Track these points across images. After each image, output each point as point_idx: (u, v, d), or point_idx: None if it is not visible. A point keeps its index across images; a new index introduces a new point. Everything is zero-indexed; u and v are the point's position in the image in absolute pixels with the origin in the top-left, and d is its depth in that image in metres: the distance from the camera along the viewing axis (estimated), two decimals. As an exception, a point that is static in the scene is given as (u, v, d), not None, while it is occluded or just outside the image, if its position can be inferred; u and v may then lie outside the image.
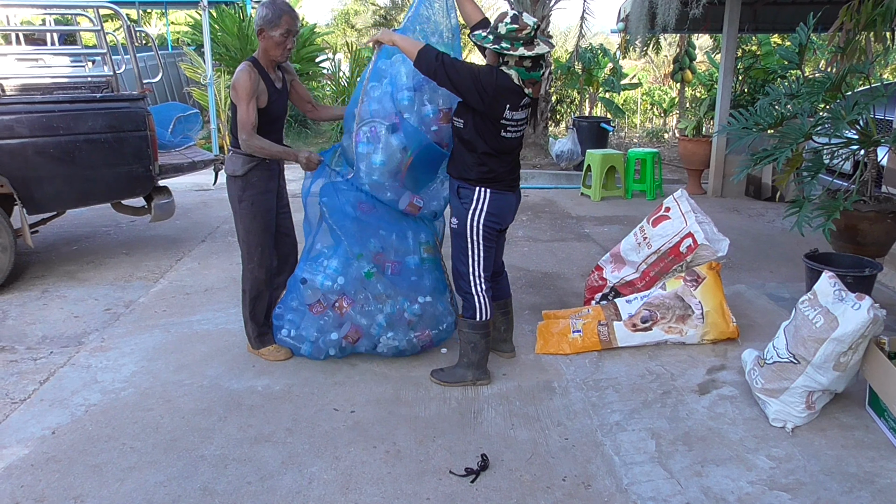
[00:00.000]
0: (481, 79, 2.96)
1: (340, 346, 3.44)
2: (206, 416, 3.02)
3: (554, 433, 2.91)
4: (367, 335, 3.43)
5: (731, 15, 7.26)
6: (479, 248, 3.23)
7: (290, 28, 3.24)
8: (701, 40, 15.21)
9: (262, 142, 3.27)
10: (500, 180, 3.18)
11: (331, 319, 3.40)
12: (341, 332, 3.41)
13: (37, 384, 3.31)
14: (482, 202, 3.17)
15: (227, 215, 3.61)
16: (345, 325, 3.41)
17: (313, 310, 3.40)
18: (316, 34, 12.28)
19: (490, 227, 3.21)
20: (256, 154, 3.30)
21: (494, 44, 2.99)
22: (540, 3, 9.96)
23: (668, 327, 3.69)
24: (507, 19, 2.98)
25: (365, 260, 3.36)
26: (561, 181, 8.91)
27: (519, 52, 2.96)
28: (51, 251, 5.54)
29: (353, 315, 3.39)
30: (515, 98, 3.04)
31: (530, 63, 3.01)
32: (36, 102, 4.53)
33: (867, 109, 3.89)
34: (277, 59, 3.33)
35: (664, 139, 13.25)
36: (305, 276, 3.38)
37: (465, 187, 3.19)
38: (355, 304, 3.38)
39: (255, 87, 3.22)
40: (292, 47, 3.33)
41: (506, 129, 3.09)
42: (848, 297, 2.84)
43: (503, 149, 3.14)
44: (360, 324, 3.41)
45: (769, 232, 6.26)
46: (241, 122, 3.23)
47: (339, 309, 3.38)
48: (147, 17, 16.57)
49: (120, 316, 4.18)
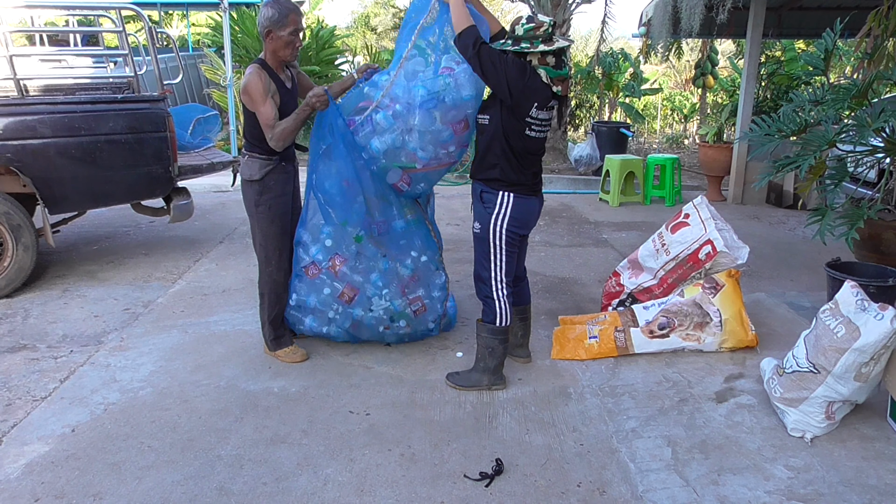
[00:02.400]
0: (511, 76, 2.98)
1: (336, 309, 3.49)
2: (222, 417, 3.04)
3: (569, 439, 2.89)
4: (362, 295, 3.47)
5: (756, 20, 7.19)
6: (501, 254, 3.22)
7: (297, 27, 3.22)
8: (724, 45, 15.08)
9: (281, 125, 3.23)
10: (523, 184, 3.18)
11: (327, 279, 3.47)
12: (335, 290, 3.47)
13: (57, 382, 3.36)
14: (506, 206, 3.16)
15: (245, 217, 3.63)
16: (340, 282, 3.48)
17: (308, 272, 3.47)
18: (336, 37, 12.33)
19: (513, 232, 3.20)
20: (288, 139, 3.26)
21: (514, 45, 3.02)
22: (561, 7, 9.94)
23: (686, 334, 3.66)
24: (522, 21, 3.04)
25: (351, 226, 3.41)
26: (579, 186, 8.88)
27: (539, 48, 2.99)
28: (71, 251, 5.62)
29: (347, 273, 3.46)
30: (543, 97, 3.07)
31: (554, 60, 3.05)
32: (58, 103, 4.58)
33: (894, 117, 3.83)
34: (287, 58, 3.31)
35: (684, 145, 13.15)
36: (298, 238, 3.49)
37: (488, 191, 3.19)
38: (348, 261, 3.45)
39: (267, 87, 3.21)
40: (300, 45, 3.31)
41: (530, 128, 3.10)
42: (870, 308, 2.80)
43: (527, 149, 3.14)
44: (355, 281, 3.47)
45: (790, 240, 6.19)
46: (265, 122, 3.21)
47: (333, 268, 3.44)
48: (168, 18, 16.76)
49: (139, 316, 4.23)
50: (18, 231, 4.50)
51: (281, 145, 3.26)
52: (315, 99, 3.23)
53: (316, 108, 3.26)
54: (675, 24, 6.89)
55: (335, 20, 24.57)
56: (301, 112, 3.25)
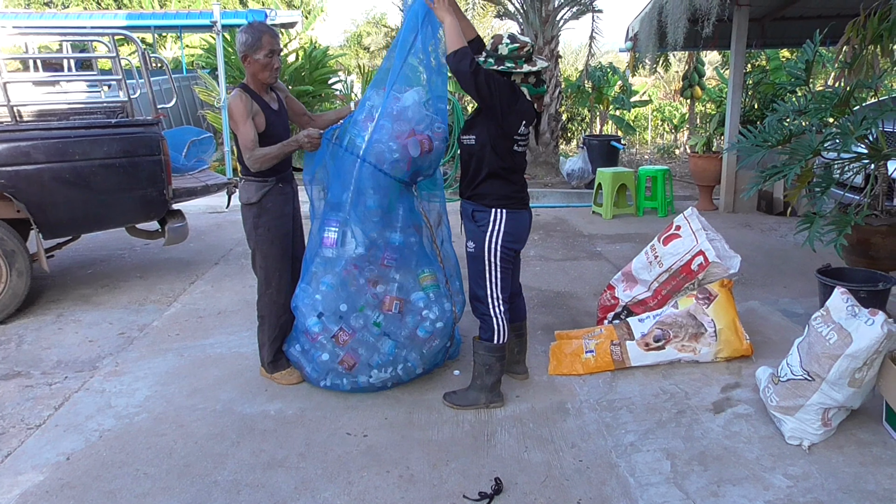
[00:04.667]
0: (504, 97, 3.03)
1: (338, 372, 3.36)
2: (219, 441, 3.03)
3: (568, 455, 2.89)
4: (363, 364, 3.33)
5: (739, 31, 7.28)
6: (497, 271, 3.22)
7: (272, 48, 3.25)
8: (710, 56, 15.25)
9: (263, 150, 3.24)
10: (513, 198, 3.20)
11: (327, 345, 3.33)
12: (335, 357, 3.34)
13: (52, 409, 3.34)
14: (500, 223, 3.17)
15: (241, 238, 3.63)
16: (342, 350, 3.34)
17: (309, 336, 3.37)
18: (328, 56, 12.41)
19: (508, 247, 3.21)
20: (266, 165, 3.26)
21: (498, 65, 3.07)
22: (549, 24, 10.06)
23: (681, 346, 3.67)
24: (505, 40, 3.08)
25: (369, 308, 3.31)
26: (572, 199, 8.92)
27: (525, 69, 3.06)
28: (66, 275, 5.61)
29: (351, 345, 3.32)
30: (529, 115, 3.13)
31: (535, 79, 3.13)
32: (52, 128, 4.60)
33: (875, 124, 3.88)
34: (266, 80, 3.33)
35: (675, 155, 13.24)
36: (298, 303, 3.38)
37: (480, 210, 3.20)
38: (355, 336, 3.31)
39: (248, 108, 3.23)
40: (279, 66, 3.33)
41: (517, 144, 3.15)
42: (861, 313, 2.82)
43: (515, 164, 3.18)
44: (360, 354, 3.33)
45: (782, 247, 6.22)
46: (243, 142, 3.23)
47: (337, 340, 3.31)
48: (162, 40, 16.84)
49: (134, 340, 4.22)
50: (12, 256, 4.50)
51: (257, 167, 3.26)
52: (307, 139, 3.26)
53: (304, 148, 3.29)
54: (661, 37, 6.98)
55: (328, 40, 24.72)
56: (288, 145, 3.28)
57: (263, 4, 24.19)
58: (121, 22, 12.88)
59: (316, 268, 3.37)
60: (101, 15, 14.45)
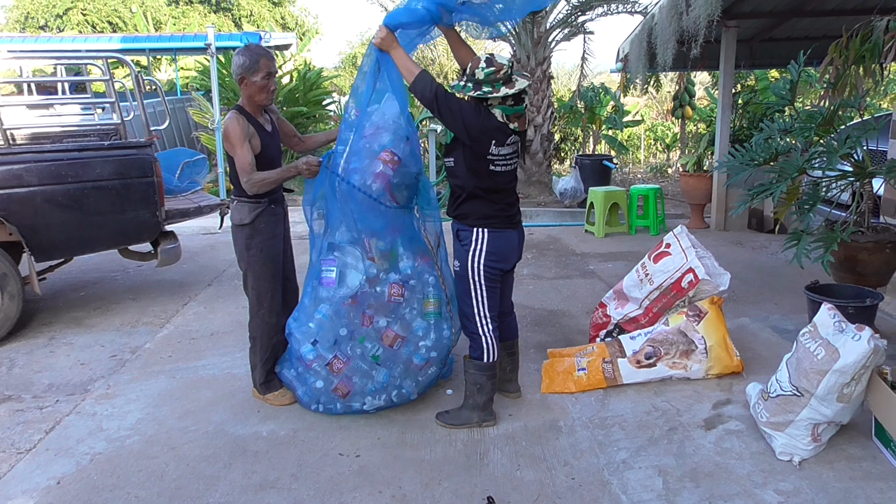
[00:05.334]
0: (467, 119, 3.03)
1: (331, 397, 3.35)
2: (211, 463, 3.02)
3: (560, 473, 2.89)
4: (358, 391, 3.32)
5: (728, 52, 7.39)
6: (482, 290, 3.22)
7: (269, 70, 3.29)
8: (700, 76, 15.42)
9: (261, 174, 3.27)
10: (495, 217, 3.19)
11: (322, 372, 3.32)
12: (329, 385, 3.32)
13: (42, 433, 3.32)
14: (482, 242, 3.18)
15: (234, 259, 3.63)
16: (335, 380, 3.32)
17: (303, 362, 3.36)
18: (323, 78, 12.52)
19: (492, 267, 3.20)
20: (262, 189, 3.29)
21: (476, 90, 3.05)
22: (542, 45, 10.18)
23: (673, 363, 3.68)
24: (481, 64, 3.04)
25: (369, 341, 3.30)
26: (565, 218, 8.97)
27: (502, 92, 3.03)
28: (58, 297, 5.60)
29: (346, 374, 3.31)
30: (501, 135, 3.10)
31: (512, 102, 3.09)
32: (45, 151, 4.62)
33: (860, 142, 3.94)
34: (263, 102, 3.37)
35: (668, 174, 13.34)
36: (292, 330, 3.36)
37: (463, 229, 3.22)
38: (350, 365, 3.30)
39: (245, 130, 3.26)
40: (275, 89, 3.37)
41: (494, 164, 3.13)
42: (848, 329, 2.85)
43: (497, 184, 3.17)
44: (354, 382, 3.31)
45: (772, 264, 6.27)
46: (240, 166, 3.26)
47: (332, 368, 3.30)
48: (157, 63, 16.96)
49: (126, 362, 4.21)
50: (4, 280, 4.50)
51: (254, 191, 3.30)
52: (305, 166, 3.29)
53: (303, 175, 3.31)
54: (651, 58, 7.07)
55: (323, 61, 24.96)
56: (286, 172, 3.33)
57: (258, 27, 24.46)
58: (115, 45, 12.97)
59: (311, 297, 3.35)
60: (95, 38, 14.56)
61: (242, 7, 26.53)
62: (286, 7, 28.63)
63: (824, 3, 7.21)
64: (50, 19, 23.96)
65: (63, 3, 23.95)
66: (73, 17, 23.86)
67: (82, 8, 24.09)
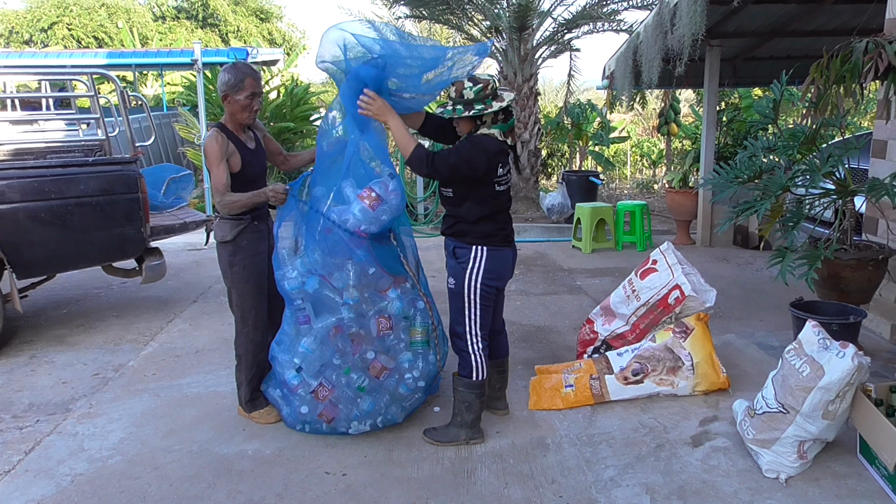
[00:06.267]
0: (473, 162, 3.03)
1: (314, 423, 3.32)
2: (194, 483, 2.98)
3: (548, 491, 2.88)
4: (343, 416, 3.28)
5: (712, 71, 7.50)
6: (476, 308, 3.21)
7: (254, 90, 3.29)
8: (685, 94, 15.61)
9: (233, 196, 3.26)
10: (495, 235, 3.20)
11: (306, 397, 3.27)
12: (314, 411, 3.28)
13: (22, 454, 3.27)
14: (480, 259, 3.17)
15: (219, 275, 3.61)
16: (319, 406, 3.27)
17: (288, 386, 3.30)
18: (310, 94, 12.54)
19: (489, 285, 3.20)
20: (234, 211, 3.28)
21: (468, 110, 3.05)
22: (528, 62, 10.28)
23: (660, 379, 3.69)
24: (467, 84, 3.04)
25: (355, 371, 3.24)
26: (552, 234, 9.00)
27: (495, 107, 3.04)
28: (40, 315, 5.53)
29: (330, 400, 3.25)
30: (504, 156, 3.15)
31: (503, 115, 3.12)
32: (28, 167, 4.58)
33: (841, 161, 4.00)
34: (245, 121, 3.37)
35: (654, 190, 13.45)
36: (277, 355, 3.29)
37: (461, 246, 3.20)
38: (335, 393, 3.25)
39: (223, 150, 3.25)
40: (259, 108, 3.37)
41: (498, 185, 3.16)
42: (832, 346, 2.87)
43: (499, 205, 3.19)
44: (339, 409, 3.27)
45: (757, 280, 6.31)
46: (215, 185, 3.26)
47: (317, 396, 3.25)
48: (143, 78, 16.93)
49: (109, 381, 4.15)
50: (-15, 298, 4.44)
51: (225, 212, 3.30)
52: (273, 194, 3.26)
53: (271, 203, 3.29)
54: (637, 76, 7.15)
55: (310, 77, 24.96)
56: (255, 197, 3.30)
57: (245, 42, 24.50)
58: (101, 60, 12.92)
59: (291, 323, 3.25)
60: (80, 54, 14.50)
61: (230, 23, 26.60)
62: (273, 23, 28.75)
63: (805, 24, 7.35)
64: (35, 34, 23.86)
65: (48, 18, 23.87)
66: (58, 31, 23.78)
67: (68, 23, 24.02)
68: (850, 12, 6.96)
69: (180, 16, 26.73)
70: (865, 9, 6.16)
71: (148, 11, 26.62)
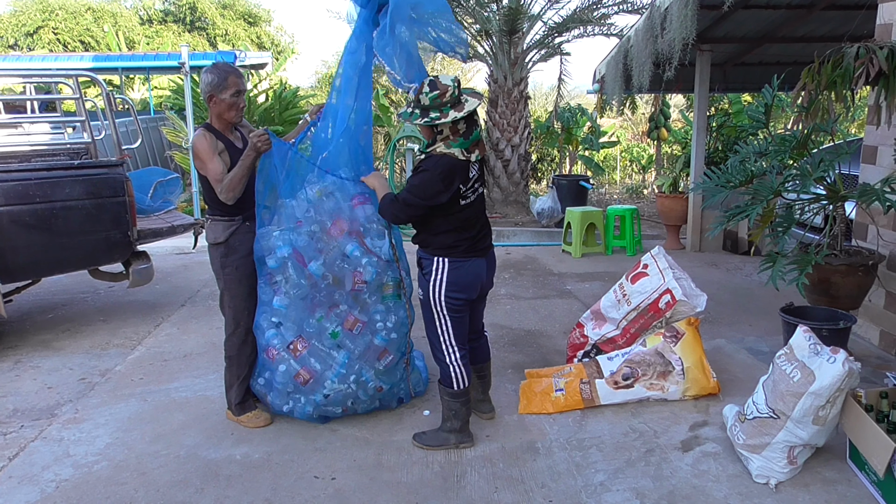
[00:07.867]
0: (430, 192, 2.95)
1: (298, 389, 3.38)
2: (182, 489, 2.94)
3: (538, 495, 2.86)
4: (318, 379, 3.35)
5: (702, 76, 7.53)
6: (446, 320, 3.13)
7: (238, 88, 3.27)
8: (675, 99, 15.70)
9: (228, 176, 3.22)
10: (457, 246, 3.07)
11: (286, 357, 3.37)
12: (291, 371, 3.35)
13: (5, 460, 3.21)
14: (441, 272, 3.07)
15: (208, 279, 3.58)
16: (298, 364, 3.36)
17: (269, 354, 3.39)
18: (299, 97, 12.50)
19: (453, 298, 3.08)
20: (236, 189, 3.21)
21: (423, 118, 2.91)
22: (519, 66, 10.29)
23: (650, 384, 3.68)
24: (425, 88, 2.88)
25: (328, 321, 3.33)
26: (542, 238, 9.00)
27: (450, 116, 2.86)
28: (25, 320, 5.46)
29: (306, 357, 3.35)
30: (465, 172, 3.00)
31: (464, 126, 2.94)
32: (12, 171, 4.52)
33: (832, 166, 4.01)
34: (232, 119, 3.34)
35: (644, 195, 13.49)
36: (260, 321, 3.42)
37: (424, 257, 3.15)
38: (310, 346, 3.35)
39: (213, 145, 3.24)
40: (244, 106, 3.35)
41: (463, 198, 3.05)
42: (823, 351, 2.87)
43: (466, 218, 3.08)
44: (312, 366, 3.35)
45: (747, 285, 6.34)
46: (213, 178, 3.23)
47: (294, 351, 3.35)
48: (130, 82, 16.81)
49: (95, 385, 4.10)
50: (-31, 302, 4.37)
51: (232, 197, 3.23)
52: (257, 139, 3.19)
53: (259, 150, 3.21)
54: (627, 80, 7.16)
55: (299, 81, 24.90)
56: (245, 158, 3.22)
57: (233, 46, 24.40)
58: (88, 64, 12.82)
59: (266, 294, 3.40)
60: (66, 57, 14.37)
61: (217, 26, 26.46)
62: (262, 26, 28.63)
63: (794, 30, 7.40)
64: (20, 38, 23.61)
65: (34, 22, 23.60)
66: (43, 35, 23.54)
67: (53, 27, 23.77)
68: (840, 19, 7.02)
69: (167, 19, 26.56)
70: (855, 15, 6.21)
71: (134, 15, 26.43)
